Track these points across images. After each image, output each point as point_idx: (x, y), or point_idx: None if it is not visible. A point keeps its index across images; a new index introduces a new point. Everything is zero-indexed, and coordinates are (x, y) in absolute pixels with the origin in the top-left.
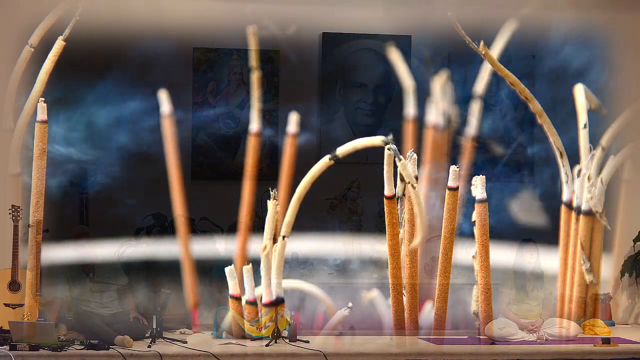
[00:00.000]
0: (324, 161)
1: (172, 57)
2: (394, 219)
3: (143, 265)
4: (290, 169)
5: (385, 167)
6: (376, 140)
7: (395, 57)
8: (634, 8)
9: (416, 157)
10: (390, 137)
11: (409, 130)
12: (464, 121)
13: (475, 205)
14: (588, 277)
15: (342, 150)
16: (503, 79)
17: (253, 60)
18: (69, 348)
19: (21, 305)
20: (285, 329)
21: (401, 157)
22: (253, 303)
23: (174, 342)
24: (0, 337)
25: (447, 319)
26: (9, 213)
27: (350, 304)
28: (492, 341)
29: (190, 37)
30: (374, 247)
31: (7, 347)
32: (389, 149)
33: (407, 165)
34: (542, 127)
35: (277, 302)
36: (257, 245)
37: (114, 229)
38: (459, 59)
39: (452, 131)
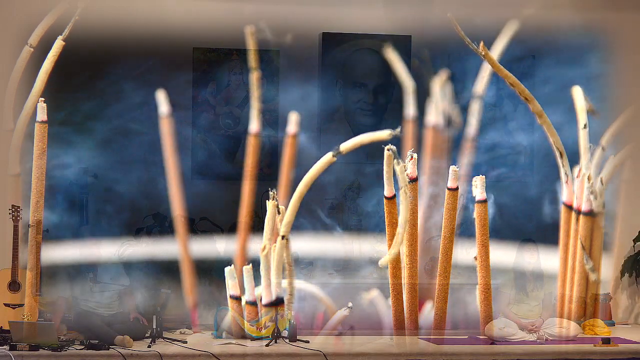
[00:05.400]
0: (327, 158)
1: (172, 57)
2: (394, 219)
3: (143, 265)
4: (290, 169)
5: (384, 167)
6: (383, 134)
7: (393, 57)
8: (634, 8)
9: (416, 157)
10: (398, 130)
11: (409, 130)
12: (464, 121)
13: (475, 205)
14: (592, 276)
15: (345, 145)
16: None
17: (253, 60)
18: (69, 348)
19: (21, 305)
20: (285, 329)
21: (400, 160)
22: (253, 303)
23: (174, 342)
24: (0, 337)
25: (447, 319)
26: (9, 213)
27: (350, 304)
28: (492, 341)
29: (190, 37)
30: (374, 247)
31: (7, 347)
32: (388, 150)
33: (407, 167)
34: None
35: (277, 302)
36: (257, 245)
37: (114, 229)
38: (459, 59)
39: (452, 131)
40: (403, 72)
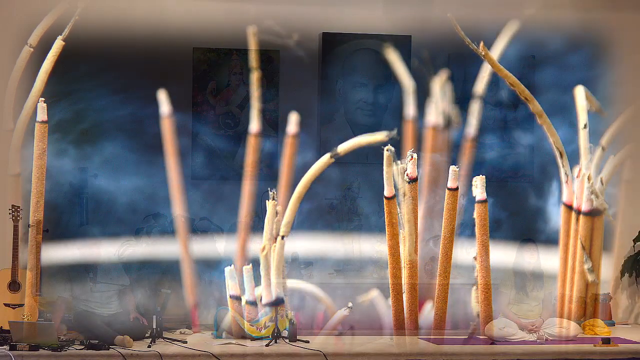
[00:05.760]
0: (325, 159)
1: (172, 57)
2: (394, 219)
3: (143, 265)
4: (290, 169)
5: (384, 167)
6: (380, 135)
7: (394, 57)
8: (634, 8)
9: (416, 157)
10: (395, 131)
11: (409, 130)
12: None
13: (475, 205)
14: (590, 277)
15: (343, 147)
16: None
17: (253, 60)
18: (69, 348)
19: (21, 305)
20: (285, 329)
21: (398, 162)
22: (253, 303)
23: (174, 342)
24: (0, 337)
25: (447, 319)
26: (9, 213)
27: (350, 304)
28: (492, 341)
29: (190, 37)
30: (374, 247)
31: (7, 347)
32: (387, 150)
33: (407, 167)
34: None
35: (277, 302)
36: (257, 245)
37: (114, 229)
38: (459, 59)
39: (452, 131)
40: (403, 72)
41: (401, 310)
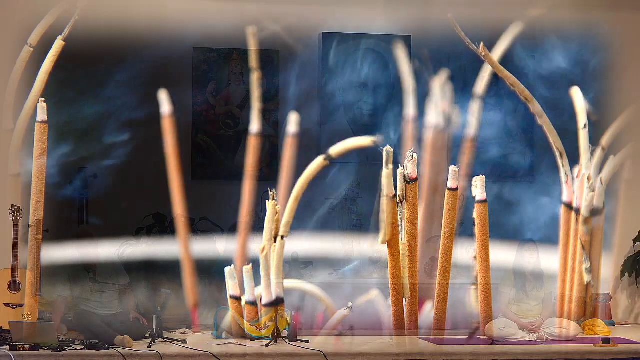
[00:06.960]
0: (319, 161)
1: (172, 57)
2: (394, 219)
3: (143, 265)
4: (290, 169)
5: (384, 167)
6: (365, 140)
7: (394, 57)
8: (634, 8)
9: (416, 157)
10: (381, 138)
11: (409, 130)
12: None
13: (475, 205)
14: (587, 278)
15: (334, 150)
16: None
17: (253, 60)
18: (69, 348)
19: (21, 305)
20: (285, 329)
21: (390, 165)
22: (253, 303)
23: (174, 342)
24: (0, 337)
25: (447, 319)
26: (9, 213)
27: (350, 304)
28: (492, 341)
29: (190, 37)
30: (374, 247)
31: (7, 347)
32: (386, 150)
33: (407, 168)
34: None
35: (277, 302)
36: (257, 246)
37: (114, 229)
38: (459, 59)
39: (452, 131)
40: (403, 72)
41: (401, 310)
